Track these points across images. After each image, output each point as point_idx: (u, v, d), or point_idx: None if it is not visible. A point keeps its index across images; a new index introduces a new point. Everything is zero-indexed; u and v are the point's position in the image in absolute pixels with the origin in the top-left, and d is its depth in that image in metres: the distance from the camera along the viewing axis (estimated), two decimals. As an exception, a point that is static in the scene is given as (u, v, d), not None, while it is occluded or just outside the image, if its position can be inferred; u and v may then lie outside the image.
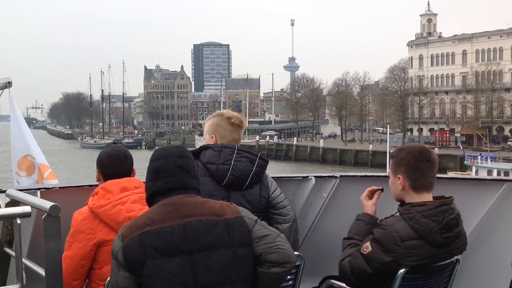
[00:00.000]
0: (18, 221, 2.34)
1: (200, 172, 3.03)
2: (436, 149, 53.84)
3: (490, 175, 37.15)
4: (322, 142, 76.60)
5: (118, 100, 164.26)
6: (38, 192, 3.29)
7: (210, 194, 3.04)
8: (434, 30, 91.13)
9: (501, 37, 79.64)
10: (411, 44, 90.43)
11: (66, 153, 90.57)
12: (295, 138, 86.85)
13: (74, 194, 3.40)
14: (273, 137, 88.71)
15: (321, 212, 4.02)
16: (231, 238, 2.16)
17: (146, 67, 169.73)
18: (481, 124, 72.34)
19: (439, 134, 78.50)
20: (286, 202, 3.41)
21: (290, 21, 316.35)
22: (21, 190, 2.89)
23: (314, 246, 3.95)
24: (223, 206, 2.25)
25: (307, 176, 3.99)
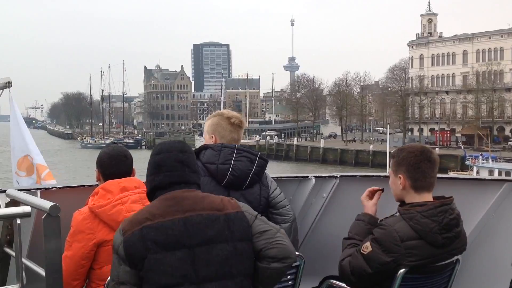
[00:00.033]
0: (18, 221, 2.34)
1: (199, 172, 3.03)
2: (436, 149, 53.74)
3: (491, 175, 37.04)
4: (322, 142, 76.55)
5: (118, 100, 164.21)
6: (38, 192, 3.29)
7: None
8: (435, 30, 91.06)
9: (501, 37, 79.56)
10: (412, 44, 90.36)
11: (66, 153, 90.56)
12: (296, 138, 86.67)
13: (74, 194, 3.40)
14: (273, 137, 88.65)
15: (321, 212, 4.02)
16: (232, 233, 2.17)
17: (146, 67, 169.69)
18: (481, 124, 72.22)
19: (440, 134, 78.38)
20: (286, 202, 3.41)
21: (290, 21, 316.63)
22: (21, 190, 2.89)
23: (314, 246, 3.95)
24: (224, 201, 2.26)
25: (307, 176, 3.99)
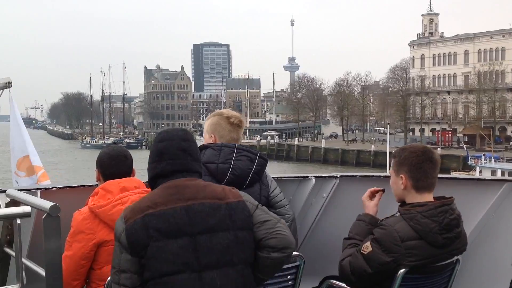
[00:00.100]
0: (18, 221, 2.34)
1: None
2: (438, 149, 53.72)
3: (494, 175, 36.98)
4: (323, 143, 76.58)
5: (118, 100, 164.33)
6: (38, 192, 3.29)
7: None
8: (436, 30, 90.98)
9: (503, 37, 79.43)
10: (413, 44, 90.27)
11: (66, 153, 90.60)
12: (297, 138, 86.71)
13: (74, 194, 3.40)
14: (274, 137, 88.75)
15: (321, 212, 4.02)
16: (233, 222, 2.18)
17: (146, 67, 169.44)
18: (483, 124, 72.16)
19: (441, 134, 78.29)
20: (285, 201, 3.41)
21: (290, 21, 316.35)
22: (21, 190, 2.89)
23: (314, 246, 3.94)
24: (225, 190, 2.27)
25: (307, 176, 3.99)
